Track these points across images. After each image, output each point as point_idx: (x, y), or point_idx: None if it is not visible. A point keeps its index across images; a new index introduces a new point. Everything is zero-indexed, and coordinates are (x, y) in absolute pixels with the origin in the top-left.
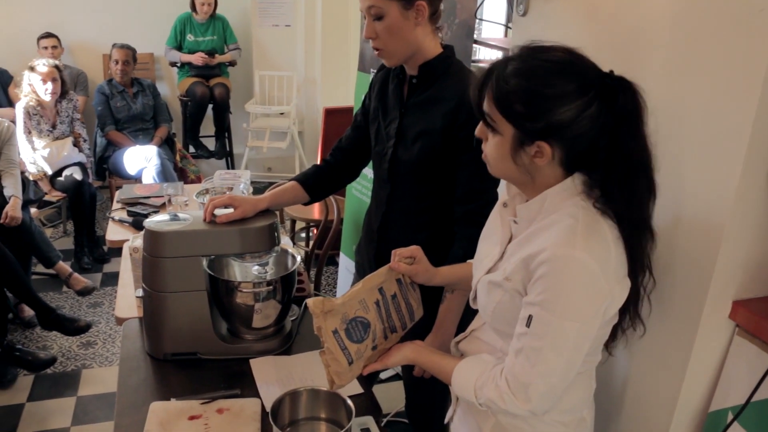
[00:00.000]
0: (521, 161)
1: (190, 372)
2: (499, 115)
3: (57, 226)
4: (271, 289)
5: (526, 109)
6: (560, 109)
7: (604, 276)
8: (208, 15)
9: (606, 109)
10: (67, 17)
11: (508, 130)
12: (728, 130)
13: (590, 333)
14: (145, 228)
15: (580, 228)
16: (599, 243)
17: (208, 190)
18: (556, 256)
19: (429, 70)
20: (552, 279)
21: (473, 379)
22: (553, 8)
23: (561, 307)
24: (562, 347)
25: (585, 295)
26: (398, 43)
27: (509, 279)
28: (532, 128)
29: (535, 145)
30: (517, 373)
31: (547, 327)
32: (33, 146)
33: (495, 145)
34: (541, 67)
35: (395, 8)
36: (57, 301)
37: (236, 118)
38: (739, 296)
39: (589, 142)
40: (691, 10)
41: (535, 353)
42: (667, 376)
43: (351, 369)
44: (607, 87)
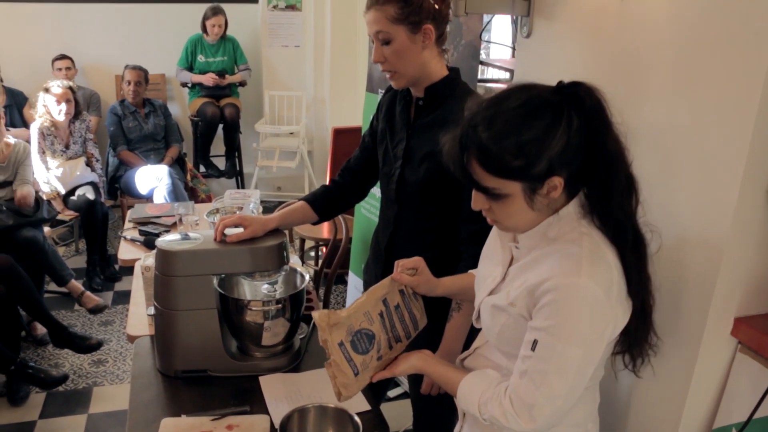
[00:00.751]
0: (539, 205)
1: (201, 389)
2: (500, 181)
3: (69, 244)
4: (280, 307)
5: (525, 160)
6: (552, 142)
7: (608, 300)
8: (219, 36)
9: (583, 116)
10: (80, 39)
11: (515, 187)
12: (726, 149)
13: (594, 357)
14: (157, 247)
15: (585, 255)
16: (603, 269)
17: (218, 209)
18: (561, 284)
19: (435, 93)
20: (558, 306)
21: (478, 395)
22: (556, 30)
23: (566, 334)
24: (567, 371)
25: (590, 322)
26: (406, 65)
27: (513, 304)
28: (537, 173)
29: (545, 185)
30: (521, 394)
31: (552, 352)
32: (47, 166)
33: (507, 207)
34: (513, 116)
35: (403, 32)
36: (69, 319)
37: (246, 138)
38: (741, 313)
39: (584, 153)
40: (689, 32)
41: (539, 376)
42: (670, 392)
43: (357, 380)
44: (571, 97)
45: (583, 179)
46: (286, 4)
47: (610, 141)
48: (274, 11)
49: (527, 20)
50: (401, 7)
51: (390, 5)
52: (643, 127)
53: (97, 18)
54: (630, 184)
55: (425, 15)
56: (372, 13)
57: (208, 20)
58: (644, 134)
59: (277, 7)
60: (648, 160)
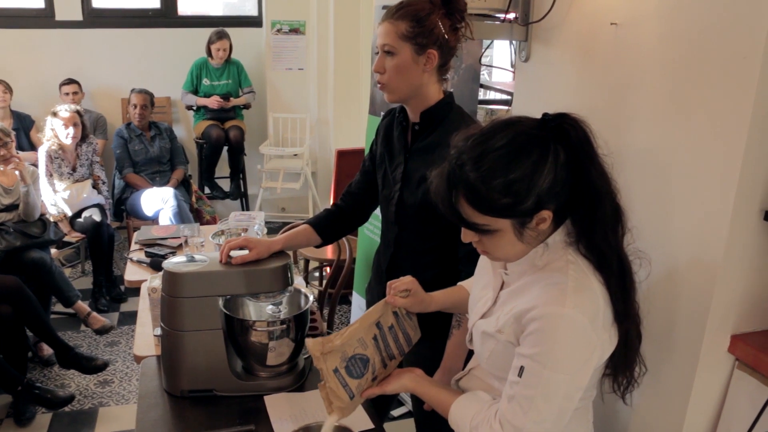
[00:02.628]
0: (528, 239)
1: (206, 408)
2: (490, 218)
3: (76, 266)
4: (285, 327)
5: (513, 198)
6: (540, 179)
7: (593, 328)
8: (224, 60)
9: (569, 149)
10: (87, 64)
11: (504, 223)
12: (719, 169)
13: (581, 383)
14: (164, 269)
15: (570, 285)
16: (588, 297)
17: (223, 231)
18: (546, 313)
19: (429, 117)
20: (543, 335)
21: (469, 417)
22: (553, 54)
23: (552, 361)
24: (553, 397)
25: (575, 349)
26: (402, 82)
27: (501, 331)
28: (526, 209)
29: (534, 219)
30: (510, 419)
31: (539, 379)
32: (54, 188)
33: (497, 241)
34: (500, 156)
35: (407, 50)
36: (75, 340)
37: (251, 160)
38: (738, 330)
39: (570, 186)
40: (681, 57)
41: (527, 402)
42: (669, 409)
43: (353, 402)
44: (556, 130)
45: (570, 209)
46: (289, 28)
47: (596, 173)
48: (278, 35)
49: (525, 45)
50: (413, 26)
51: (403, 22)
52: (637, 149)
53: (104, 43)
54: (616, 214)
55: (433, 40)
56: (385, 26)
57: (213, 44)
58: (638, 156)
59: (281, 31)
60: (643, 181)
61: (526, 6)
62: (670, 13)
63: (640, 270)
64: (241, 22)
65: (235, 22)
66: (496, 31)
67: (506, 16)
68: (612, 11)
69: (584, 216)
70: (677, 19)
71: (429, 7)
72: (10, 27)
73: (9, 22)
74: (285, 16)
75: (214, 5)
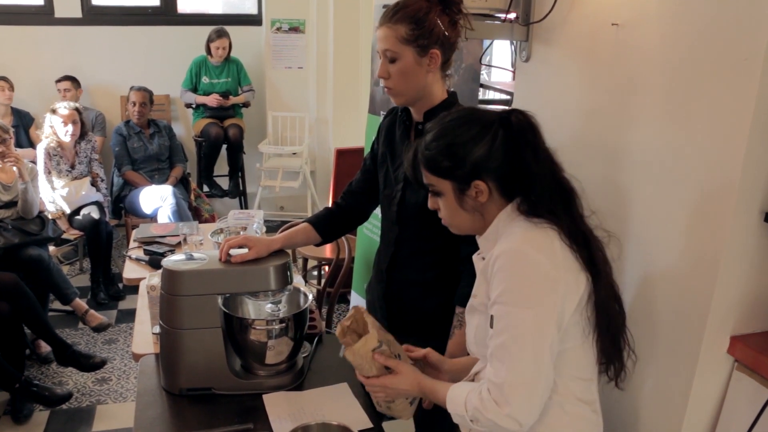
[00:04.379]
0: (468, 206)
1: (205, 407)
2: (435, 178)
3: (74, 263)
4: (284, 326)
5: (451, 161)
6: (475, 149)
7: (552, 263)
8: (223, 58)
9: (509, 134)
10: (87, 61)
11: (446, 186)
12: (720, 170)
13: (548, 320)
14: (164, 267)
15: (521, 231)
16: (540, 235)
17: (222, 229)
18: (503, 251)
19: (433, 116)
20: (504, 272)
21: (464, 395)
22: (554, 54)
23: (514, 297)
24: (523, 336)
25: (534, 282)
26: (409, 85)
27: (476, 295)
28: (462, 174)
29: (472, 187)
30: (492, 377)
31: (507, 320)
32: (52, 186)
33: (445, 205)
34: (448, 125)
35: (410, 53)
36: (73, 338)
37: (249, 158)
38: (737, 331)
39: (509, 167)
40: (682, 57)
41: (501, 351)
42: (668, 410)
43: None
44: (503, 117)
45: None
46: (289, 27)
47: (532, 157)
48: (277, 33)
49: (526, 45)
50: (412, 29)
51: (401, 25)
52: (637, 150)
53: (103, 40)
54: (564, 192)
55: (434, 40)
56: (383, 30)
57: (213, 42)
58: (639, 157)
59: (281, 30)
60: (643, 181)
61: (527, 6)
62: (671, 15)
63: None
64: (241, 20)
65: (234, 20)
66: (497, 31)
67: (507, 16)
68: (613, 12)
69: (526, 195)
70: (678, 20)
71: (426, 6)
72: (9, 24)
73: (8, 19)
74: (285, 15)
75: (213, 3)
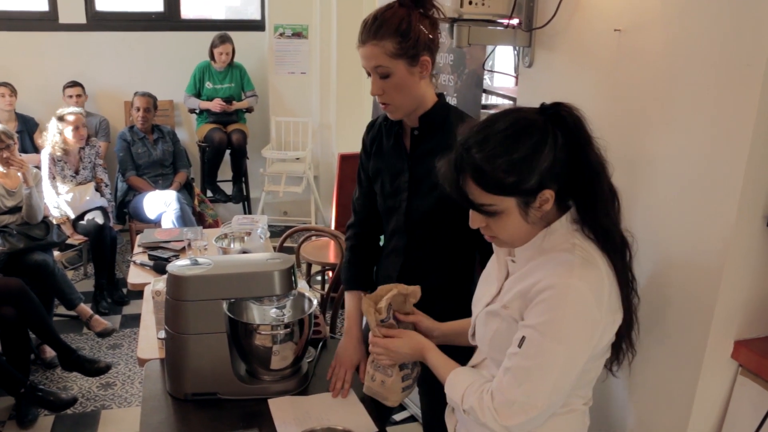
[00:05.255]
0: (533, 218)
1: (210, 411)
2: (495, 198)
3: (78, 268)
4: (289, 331)
5: (517, 177)
6: (541, 158)
7: (598, 306)
8: (226, 63)
9: (566, 133)
10: (91, 67)
11: (509, 203)
12: (723, 175)
13: (578, 360)
14: (169, 273)
15: (577, 261)
16: (594, 274)
17: (227, 234)
18: (554, 284)
19: (429, 120)
20: (550, 304)
21: (466, 384)
22: (557, 60)
23: (554, 331)
24: (550, 369)
25: (578, 322)
26: (406, 98)
27: (507, 307)
28: (530, 188)
29: (538, 198)
30: (503, 389)
31: (538, 349)
32: (57, 191)
33: (504, 222)
34: (504, 138)
35: (402, 66)
36: (77, 343)
37: (253, 163)
38: (741, 336)
39: (570, 167)
40: (685, 64)
41: (522, 373)
42: (672, 415)
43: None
44: (553, 116)
45: (571, 191)
46: (292, 32)
47: (592, 154)
48: (280, 39)
49: (529, 51)
50: (399, 42)
51: (387, 40)
52: (640, 155)
53: (107, 46)
54: (612, 192)
55: (422, 47)
56: (368, 48)
57: (216, 48)
58: (642, 161)
59: (284, 35)
60: (646, 186)
61: (530, 12)
62: (674, 20)
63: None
64: (244, 26)
65: (238, 25)
66: (500, 37)
67: (509, 22)
68: (616, 17)
69: (586, 196)
70: (681, 26)
71: (406, 15)
72: (13, 30)
73: (13, 25)
74: (288, 20)
75: (217, 9)
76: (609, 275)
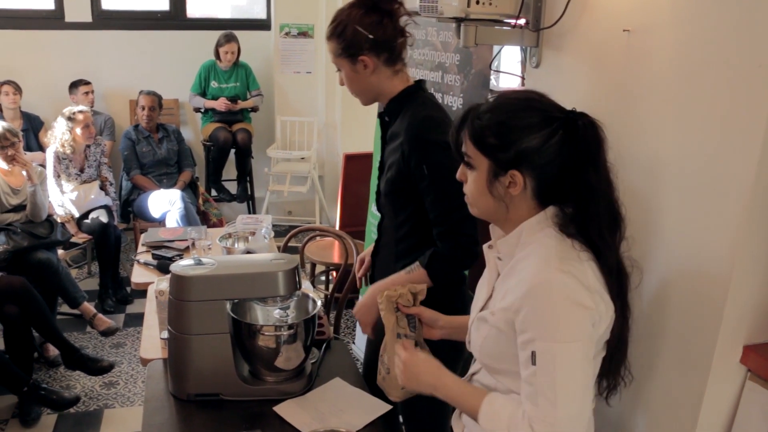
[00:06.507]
0: (497, 192)
1: (213, 413)
2: (475, 151)
3: (82, 267)
4: (293, 332)
5: (498, 141)
6: (527, 138)
7: (585, 289)
8: (232, 63)
9: (569, 139)
10: (96, 65)
11: (483, 163)
12: (732, 177)
13: (591, 348)
14: (172, 272)
15: (554, 252)
16: (574, 261)
17: (231, 234)
18: (535, 285)
19: (392, 107)
20: (539, 310)
21: (507, 416)
22: (565, 60)
23: (558, 332)
24: (574, 369)
25: (575, 312)
26: (358, 90)
27: (493, 313)
28: (504, 158)
29: (508, 175)
30: (543, 418)
31: (553, 356)
32: (62, 189)
33: (473, 181)
34: (509, 103)
35: (346, 63)
36: (81, 341)
37: (258, 163)
38: (750, 341)
39: (556, 171)
40: (695, 65)
41: (551, 389)
42: (680, 421)
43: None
44: (569, 120)
45: (558, 197)
46: (298, 31)
47: (593, 173)
48: (286, 38)
49: (536, 51)
50: (338, 43)
51: (331, 41)
52: (648, 157)
53: (113, 45)
54: (613, 217)
55: (359, 47)
56: (327, 46)
57: (221, 47)
58: (650, 164)
59: (290, 34)
60: (654, 189)
61: (537, 12)
62: (684, 21)
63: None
64: (250, 25)
65: (243, 25)
66: (507, 37)
67: (517, 22)
68: (625, 18)
69: (576, 209)
70: (691, 26)
71: (345, 17)
72: (19, 28)
73: (19, 23)
74: (293, 20)
75: (222, 8)
76: (590, 263)
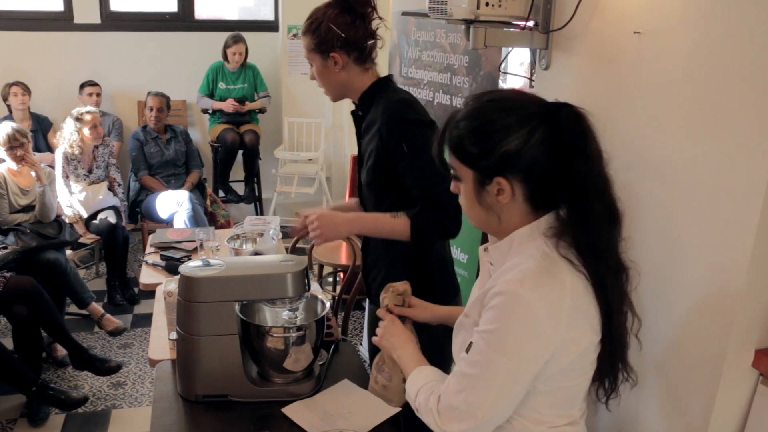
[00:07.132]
0: (486, 203)
1: (221, 414)
2: (457, 162)
3: (90, 267)
4: (302, 334)
5: (477, 148)
6: (505, 140)
7: (551, 322)
8: (239, 64)
9: (551, 134)
10: (104, 66)
11: (467, 174)
12: (745, 181)
13: (524, 376)
14: (181, 274)
15: (533, 269)
16: (552, 288)
17: (239, 235)
18: (505, 290)
19: (364, 100)
20: (498, 312)
21: (422, 383)
22: (574, 63)
23: (499, 343)
24: (491, 381)
25: (524, 336)
26: (327, 85)
27: (467, 315)
28: (486, 165)
29: (494, 183)
30: (447, 393)
31: (482, 357)
32: (70, 190)
33: (463, 193)
34: (483, 107)
35: (318, 59)
36: (89, 341)
37: (265, 164)
38: (762, 344)
39: (544, 170)
40: (706, 67)
41: (464, 379)
42: (691, 425)
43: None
44: (549, 113)
45: (549, 201)
46: None
47: (583, 167)
48: (294, 39)
49: (546, 53)
50: (312, 39)
51: (305, 37)
52: (659, 160)
53: (121, 46)
54: (611, 215)
55: (331, 44)
56: (302, 40)
57: (229, 48)
58: (661, 168)
59: (297, 36)
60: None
61: (547, 14)
62: (695, 23)
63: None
64: (258, 26)
65: (251, 26)
66: (516, 39)
67: (526, 24)
68: (635, 20)
69: (572, 209)
70: (702, 28)
71: (321, 15)
72: (29, 29)
73: (28, 25)
74: (301, 21)
75: (230, 9)
76: (574, 289)
